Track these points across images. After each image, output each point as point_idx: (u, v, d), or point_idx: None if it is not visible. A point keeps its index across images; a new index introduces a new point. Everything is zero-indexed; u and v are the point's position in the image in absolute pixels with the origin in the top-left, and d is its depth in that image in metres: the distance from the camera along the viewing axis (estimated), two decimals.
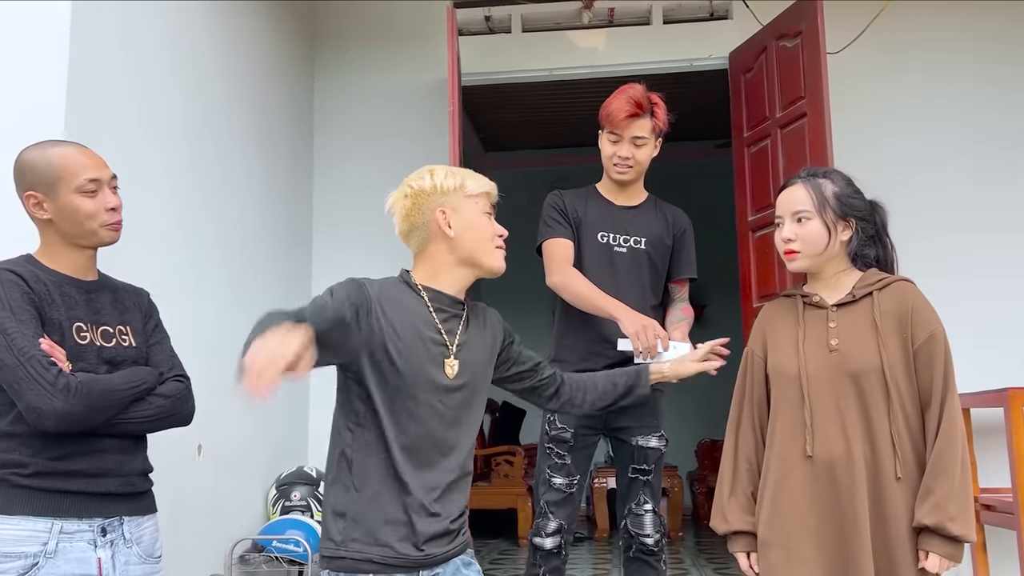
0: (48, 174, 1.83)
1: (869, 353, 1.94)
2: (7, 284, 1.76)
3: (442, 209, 1.81)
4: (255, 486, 3.78)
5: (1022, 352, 3.91)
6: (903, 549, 1.87)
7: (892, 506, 1.88)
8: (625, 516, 2.69)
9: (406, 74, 4.59)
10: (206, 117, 3.45)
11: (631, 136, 2.67)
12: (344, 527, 1.69)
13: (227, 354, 3.36)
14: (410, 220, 1.83)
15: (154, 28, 3.06)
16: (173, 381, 1.95)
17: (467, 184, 1.84)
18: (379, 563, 1.67)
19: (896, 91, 4.28)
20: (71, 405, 1.70)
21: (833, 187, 2.01)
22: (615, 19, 4.61)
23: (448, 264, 1.82)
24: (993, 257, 4.13)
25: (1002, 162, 4.15)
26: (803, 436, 1.95)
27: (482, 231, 1.83)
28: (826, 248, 2.00)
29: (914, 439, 1.91)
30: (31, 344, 1.71)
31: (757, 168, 4.13)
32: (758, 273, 4.10)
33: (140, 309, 2.01)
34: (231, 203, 3.65)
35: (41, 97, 2.50)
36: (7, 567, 1.70)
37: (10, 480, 1.75)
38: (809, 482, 1.94)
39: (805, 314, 2.04)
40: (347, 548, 1.68)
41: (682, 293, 2.82)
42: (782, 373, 2.01)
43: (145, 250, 2.82)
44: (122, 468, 1.85)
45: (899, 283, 2.01)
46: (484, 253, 1.84)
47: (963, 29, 4.27)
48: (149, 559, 1.90)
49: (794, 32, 3.86)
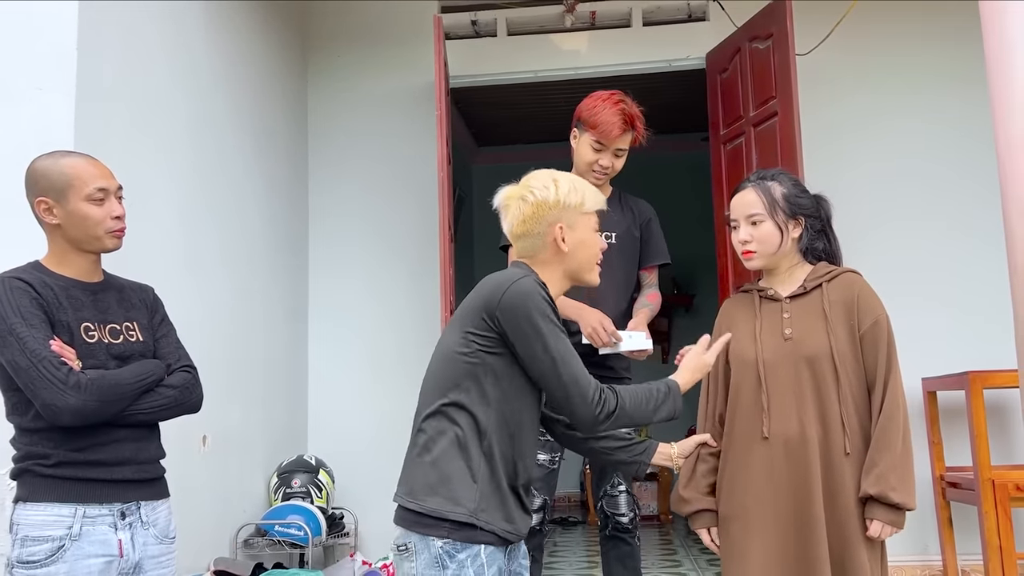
0: (59, 182, 1.94)
1: (820, 340, 2.09)
2: (16, 291, 1.86)
3: (561, 224, 1.85)
4: (257, 474, 3.94)
5: (982, 339, 4.09)
6: (852, 518, 2.04)
7: (841, 480, 2.05)
8: (601, 498, 2.82)
9: (397, 78, 4.73)
10: (206, 123, 3.59)
11: (615, 148, 2.76)
12: (476, 496, 1.70)
13: (228, 347, 3.57)
14: (526, 226, 1.86)
15: (155, 40, 3.20)
16: (181, 371, 2.05)
17: (586, 202, 1.88)
18: (502, 537, 1.72)
19: (863, 91, 4.43)
20: (83, 401, 1.82)
21: (781, 188, 2.17)
22: (597, 22, 4.75)
23: (557, 275, 1.88)
24: (956, 251, 4.30)
25: (966, 159, 4.30)
26: (760, 418, 2.10)
27: (591, 249, 1.89)
28: (779, 246, 2.15)
29: (860, 418, 2.08)
30: (42, 346, 1.82)
31: (733, 164, 4.29)
32: (735, 265, 4.26)
33: (146, 305, 2.11)
34: (231, 205, 3.79)
35: (51, 109, 2.64)
36: (36, 549, 1.83)
37: (35, 471, 1.88)
38: (766, 460, 2.09)
39: (761, 307, 2.20)
40: (477, 517, 1.69)
41: (650, 279, 2.91)
42: (741, 360, 2.17)
43: (150, 250, 2.96)
44: (137, 456, 1.96)
45: (846, 274, 2.17)
46: (588, 270, 1.91)
47: (926, 30, 4.41)
48: (165, 540, 2.01)
49: (766, 34, 4.01)
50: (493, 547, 1.72)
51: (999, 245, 4.13)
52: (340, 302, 4.65)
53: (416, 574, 1.70)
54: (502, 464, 1.74)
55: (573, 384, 1.72)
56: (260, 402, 3.97)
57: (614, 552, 2.83)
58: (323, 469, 3.99)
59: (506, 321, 1.72)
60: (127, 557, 1.92)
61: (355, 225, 4.71)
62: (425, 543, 1.70)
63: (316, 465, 3.98)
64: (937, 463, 4.02)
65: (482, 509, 1.70)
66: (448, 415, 1.74)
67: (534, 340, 1.71)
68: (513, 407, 1.76)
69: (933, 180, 4.36)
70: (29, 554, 1.83)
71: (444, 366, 1.78)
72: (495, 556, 1.73)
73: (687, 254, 5.58)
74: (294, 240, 4.54)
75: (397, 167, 4.71)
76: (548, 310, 1.73)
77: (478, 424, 1.72)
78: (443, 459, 1.72)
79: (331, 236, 4.71)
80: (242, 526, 3.66)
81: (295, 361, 4.48)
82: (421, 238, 4.51)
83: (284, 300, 4.35)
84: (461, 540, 1.69)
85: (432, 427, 1.76)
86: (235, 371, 3.68)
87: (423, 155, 4.58)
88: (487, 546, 1.71)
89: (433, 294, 4.08)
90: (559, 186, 1.87)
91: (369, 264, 4.67)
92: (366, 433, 4.46)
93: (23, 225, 2.41)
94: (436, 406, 1.76)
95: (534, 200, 1.85)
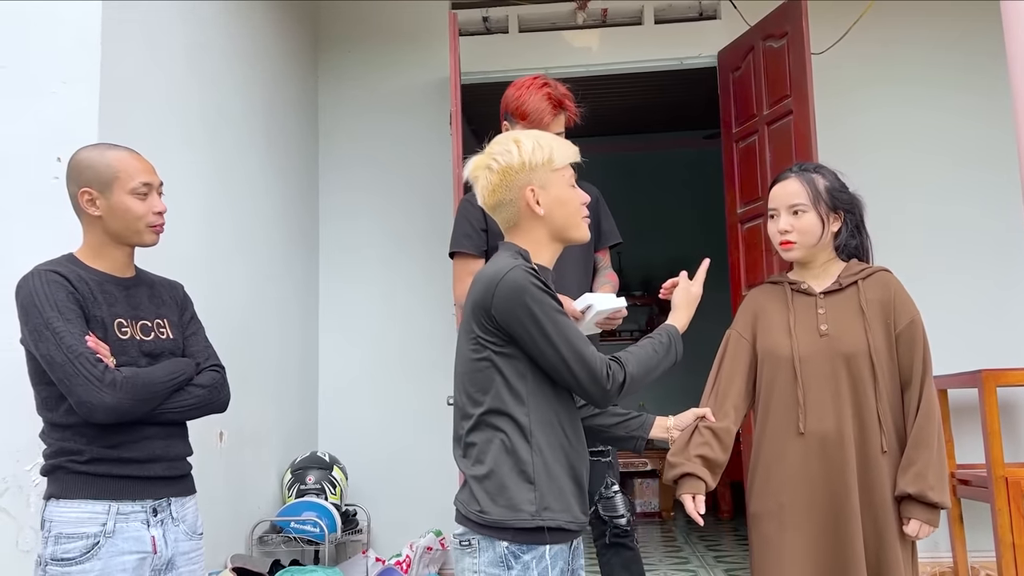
0: (106, 174, 1.94)
1: (857, 337, 2.10)
2: (53, 285, 1.86)
3: (531, 188, 1.76)
4: (271, 471, 3.93)
5: (993, 338, 4.13)
6: (888, 516, 2.05)
7: (878, 477, 2.06)
8: (596, 503, 2.66)
9: (407, 74, 4.73)
10: (224, 120, 3.58)
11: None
12: (535, 497, 1.66)
13: (244, 344, 3.55)
14: (497, 195, 1.78)
15: (176, 36, 3.19)
16: (210, 371, 2.05)
17: (554, 157, 1.78)
18: (569, 531, 1.70)
19: (878, 90, 4.45)
20: (118, 399, 1.81)
21: (824, 181, 2.17)
22: (608, 19, 4.75)
23: (544, 241, 1.80)
24: (970, 250, 4.33)
25: (983, 158, 4.33)
26: (796, 414, 2.09)
27: (570, 205, 1.79)
28: (820, 239, 2.15)
29: (895, 416, 2.09)
30: (79, 342, 1.81)
31: (745, 163, 4.31)
32: (746, 262, 4.29)
33: (176, 302, 2.11)
34: (247, 204, 3.78)
35: (75, 103, 2.63)
36: (72, 547, 1.82)
37: (68, 467, 1.87)
38: (801, 456, 2.09)
39: (794, 300, 2.19)
40: (541, 517, 1.66)
41: (604, 262, 2.86)
42: (775, 355, 2.15)
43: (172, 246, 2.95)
44: (168, 453, 1.97)
45: (881, 273, 2.18)
46: (573, 227, 1.81)
47: (942, 30, 4.44)
48: (194, 536, 2.02)
49: (780, 33, 4.03)
50: (558, 546, 1.70)
51: (1013, 244, 4.23)
52: (351, 300, 4.64)
53: (477, 570, 1.68)
54: (553, 456, 1.70)
55: (581, 367, 1.67)
56: (273, 399, 3.96)
57: (617, 559, 2.68)
58: (337, 466, 3.98)
59: (504, 320, 1.67)
60: (160, 553, 1.92)
61: (365, 224, 4.70)
62: (490, 542, 1.68)
63: (330, 462, 3.97)
64: (948, 461, 4.04)
65: (544, 507, 1.67)
66: (490, 423, 1.71)
67: (536, 334, 1.66)
68: (547, 396, 1.72)
69: (948, 180, 4.39)
70: (64, 551, 1.82)
71: (468, 373, 1.75)
72: (560, 555, 1.71)
73: (684, 250, 5.60)
74: (306, 239, 4.53)
75: (407, 164, 4.70)
76: (542, 297, 1.66)
77: (519, 424, 1.69)
78: (496, 468, 1.68)
79: (342, 234, 4.70)
80: (257, 523, 3.65)
81: (307, 358, 4.47)
82: (431, 235, 4.50)
83: (297, 296, 4.34)
84: (526, 542, 1.67)
85: (479, 438, 1.72)
86: (250, 367, 3.67)
87: (433, 151, 4.58)
88: (552, 546, 1.69)
89: (444, 292, 4.08)
90: (521, 147, 1.77)
91: (380, 262, 4.66)
92: (376, 430, 4.46)
93: (51, 215, 2.42)
94: (476, 418, 1.72)
95: (499, 167, 1.76)
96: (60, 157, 2.52)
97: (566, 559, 1.74)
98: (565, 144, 1.82)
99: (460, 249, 2.73)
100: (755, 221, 4.19)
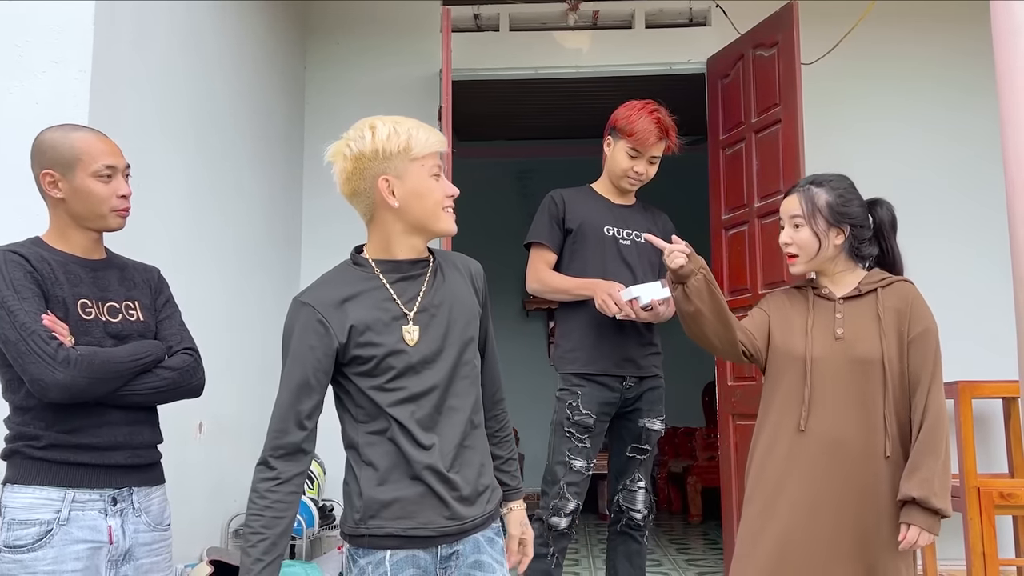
0: (68, 155, 1.88)
1: (872, 344, 2.13)
2: (10, 264, 1.81)
3: (385, 177, 1.64)
4: (248, 464, 3.86)
5: (969, 351, 4.19)
6: (886, 522, 2.07)
7: (877, 483, 2.08)
8: (619, 491, 2.85)
9: (396, 68, 4.70)
10: (210, 108, 3.54)
11: (650, 155, 2.86)
12: (362, 505, 1.63)
13: (226, 336, 3.51)
14: (351, 184, 1.67)
15: (166, 23, 3.15)
16: (182, 354, 1.99)
17: (412, 145, 1.64)
18: (401, 536, 1.61)
19: (867, 102, 4.51)
20: (72, 377, 1.75)
21: (827, 196, 2.20)
22: (599, 22, 4.77)
23: (399, 233, 1.69)
24: (951, 263, 4.39)
25: (967, 171, 4.40)
26: (799, 411, 2.13)
27: (428, 198, 1.67)
28: (818, 252, 2.19)
29: (901, 423, 2.12)
30: (33, 320, 1.76)
31: (731, 170, 4.33)
32: (730, 268, 4.31)
33: (149, 285, 2.05)
34: (232, 192, 3.74)
35: (66, 83, 2.58)
36: (23, 533, 1.77)
37: (24, 452, 1.82)
38: (799, 453, 2.13)
39: (815, 304, 2.23)
40: (367, 525, 1.62)
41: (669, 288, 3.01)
42: (789, 353, 2.20)
43: (155, 232, 2.92)
44: (131, 440, 1.90)
45: (901, 283, 2.22)
46: (433, 220, 1.69)
47: (932, 42, 4.50)
48: (158, 527, 1.96)
49: (771, 42, 4.06)
50: (404, 552, 1.68)
51: (992, 258, 4.29)
52: None
53: None
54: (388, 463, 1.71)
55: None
56: (252, 391, 3.92)
57: (623, 548, 2.85)
58: (315, 460, 3.95)
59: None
60: (117, 544, 1.86)
61: (348, 218, 4.58)
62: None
63: None
64: None
65: (370, 516, 1.68)
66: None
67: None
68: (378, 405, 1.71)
69: (933, 192, 4.45)
70: (16, 538, 1.78)
71: None
72: (408, 563, 1.68)
73: None
74: (288, 230, 4.50)
75: None
76: (289, 343, 1.67)
77: (353, 441, 1.75)
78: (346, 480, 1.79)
79: (324, 227, 4.66)
80: (234, 516, 3.61)
81: None
82: None
83: (278, 288, 4.30)
84: (361, 547, 1.71)
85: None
86: (230, 359, 3.63)
87: None
88: (394, 552, 1.68)
89: None
90: (376, 133, 1.63)
91: None
92: None
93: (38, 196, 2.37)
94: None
95: (351, 154, 1.64)
96: None
97: (427, 568, 1.65)
98: (429, 131, 1.68)
99: (533, 240, 2.94)
100: (740, 228, 4.22)
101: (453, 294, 1.73)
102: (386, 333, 1.65)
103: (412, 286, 1.70)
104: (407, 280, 1.70)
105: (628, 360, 2.81)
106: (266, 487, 1.62)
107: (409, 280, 1.70)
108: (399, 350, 1.64)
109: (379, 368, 1.64)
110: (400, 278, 1.69)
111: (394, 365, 1.64)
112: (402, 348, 1.64)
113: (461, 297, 1.74)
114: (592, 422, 2.77)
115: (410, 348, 1.64)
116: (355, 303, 1.65)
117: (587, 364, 2.79)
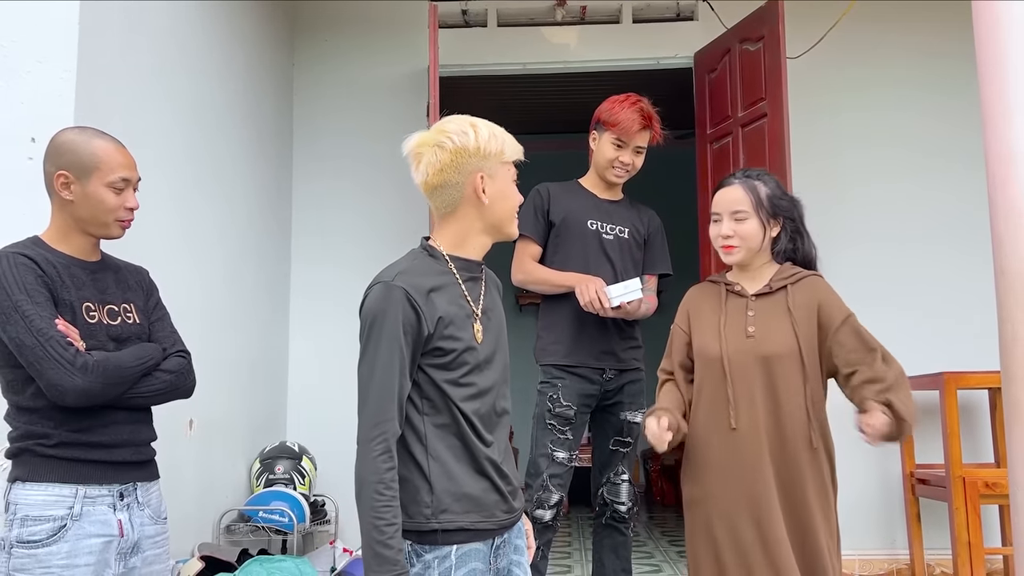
0: (87, 161, 1.92)
1: (783, 339, 2.18)
2: (21, 267, 1.84)
3: (482, 174, 1.72)
4: (239, 460, 3.91)
5: (954, 341, 4.23)
6: (809, 509, 2.13)
7: (799, 471, 2.14)
8: (602, 485, 2.88)
9: (384, 64, 4.71)
10: (197, 106, 3.54)
11: (635, 145, 2.89)
12: (434, 500, 1.65)
13: (216, 332, 3.52)
14: (444, 176, 1.70)
15: (153, 17, 3.14)
16: (176, 356, 2.04)
17: (506, 150, 1.75)
18: (469, 530, 1.67)
19: (852, 95, 4.54)
20: (90, 383, 1.81)
21: (766, 188, 2.25)
22: (587, 17, 4.78)
23: (476, 230, 1.77)
24: (933, 256, 4.42)
25: (950, 162, 4.43)
26: (726, 411, 2.19)
27: (511, 200, 1.78)
28: (761, 244, 2.25)
29: (819, 414, 2.18)
30: (49, 325, 1.80)
31: (719, 163, 4.36)
32: (717, 261, 4.33)
33: (141, 287, 2.09)
34: (220, 189, 3.75)
35: (51, 83, 2.58)
36: (38, 529, 1.82)
37: (34, 450, 1.86)
38: (728, 450, 2.18)
39: (727, 301, 2.28)
40: (438, 520, 1.65)
41: (650, 285, 3.02)
42: (706, 355, 2.25)
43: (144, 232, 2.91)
44: (135, 438, 1.97)
45: (811, 278, 2.26)
46: (509, 221, 1.79)
47: (916, 38, 4.53)
48: (159, 520, 2.02)
49: (756, 36, 4.08)
50: (469, 546, 1.70)
51: (974, 251, 4.33)
52: (322, 289, 4.62)
53: None
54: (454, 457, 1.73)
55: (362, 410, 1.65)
56: (243, 387, 3.94)
57: (608, 541, 2.88)
58: (306, 456, 3.97)
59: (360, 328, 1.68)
60: (127, 537, 1.92)
61: (338, 213, 4.68)
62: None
63: (299, 452, 3.95)
64: (908, 460, 4.15)
65: (442, 510, 1.69)
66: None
67: (362, 350, 1.67)
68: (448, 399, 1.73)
69: (916, 186, 4.48)
70: (30, 534, 1.82)
71: None
72: (472, 556, 1.70)
73: None
74: (279, 227, 4.51)
75: (381, 154, 4.68)
76: (384, 324, 1.63)
77: (416, 430, 1.72)
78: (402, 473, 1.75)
79: (314, 224, 4.68)
80: (225, 512, 3.63)
81: (277, 348, 4.44)
82: (405, 225, 4.49)
83: (268, 285, 4.32)
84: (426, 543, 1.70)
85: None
86: (221, 355, 3.64)
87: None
88: (460, 547, 1.69)
89: None
90: (479, 132, 1.71)
91: (351, 252, 4.65)
92: (347, 420, 4.38)
93: (23, 196, 2.38)
94: None
95: (452, 147, 1.69)
96: (35, 137, 2.48)
97: (484, 559, 1.70)
98: (515, 141, 1.79)
99: (523, 233, 2.87)
100: None
101: (495, 302, 1.84)
102: (464, 329, 1.71)
103: (476, 287, 1.78)
104: (473, 280, 1.78)
105: (608, 353, 2.84)
106: (391, 476, 1.61)
107: (474, 281, 1.78)
108: (473, 347, 1.72)
109: (455, 362, 1.69)
110: (470, 277, 1.77)
111: (468, 361, 1.70)
112: (475, 346, 1.72)
113: (500, 305, 1.86)
114: (573, 414, 2.80)
115: (479, 347, 1.73)
116: (439, 295, 1.70)
117: (567, 356, 2.83)
